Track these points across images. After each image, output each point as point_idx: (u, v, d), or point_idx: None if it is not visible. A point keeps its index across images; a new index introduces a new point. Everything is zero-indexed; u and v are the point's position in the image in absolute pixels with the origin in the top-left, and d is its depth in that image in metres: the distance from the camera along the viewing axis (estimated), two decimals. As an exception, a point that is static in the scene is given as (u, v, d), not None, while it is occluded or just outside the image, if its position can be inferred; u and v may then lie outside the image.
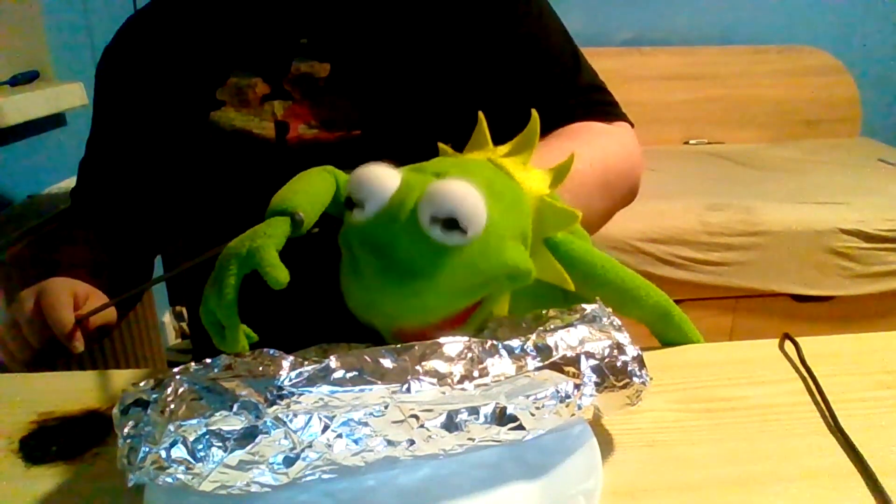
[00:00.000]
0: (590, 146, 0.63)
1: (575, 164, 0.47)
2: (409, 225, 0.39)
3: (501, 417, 0.39)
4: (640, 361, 0.42)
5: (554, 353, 0.40)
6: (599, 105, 0.71)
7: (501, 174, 0.45)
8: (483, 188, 0.40)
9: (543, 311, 0.44)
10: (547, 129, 0.60)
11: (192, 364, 0.38)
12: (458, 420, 0.38)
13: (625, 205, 0.70)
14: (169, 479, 0.35)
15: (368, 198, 0.41)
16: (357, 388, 0.37)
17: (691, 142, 2.27)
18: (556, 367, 0.40)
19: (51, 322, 0.60)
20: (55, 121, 1.19)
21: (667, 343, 0.57)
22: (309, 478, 0.37)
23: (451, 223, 0.38)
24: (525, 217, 0.44)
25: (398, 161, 0.68)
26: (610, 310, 0.45)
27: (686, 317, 0.56)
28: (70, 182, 0.94)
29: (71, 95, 1.15)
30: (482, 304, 0.43)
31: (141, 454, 0.35)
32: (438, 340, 0.40)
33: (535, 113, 0.48)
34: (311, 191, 0.46)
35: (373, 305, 0.41)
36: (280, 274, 0.40)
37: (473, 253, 0.40)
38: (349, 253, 0.42)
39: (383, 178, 0.41)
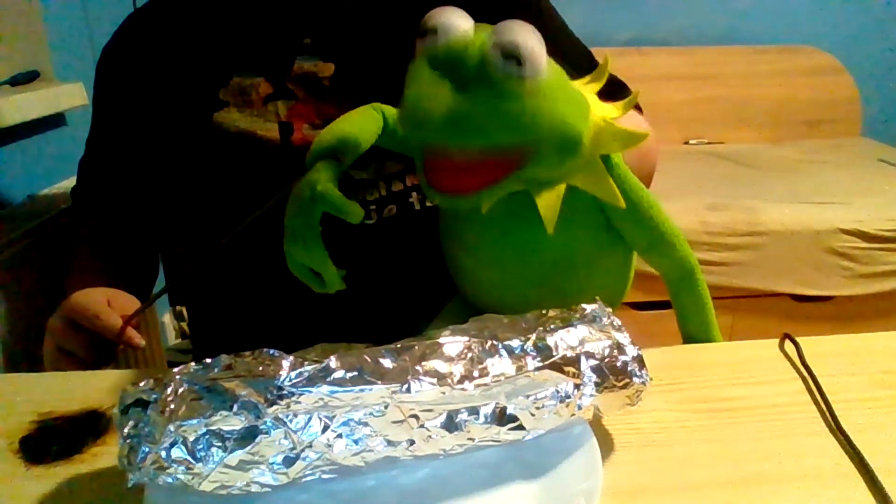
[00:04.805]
0: (627, 119, 0.65)
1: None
2: (473, 49, 0.42)
3: (501, 417, 0.39)
4: (640, 361, 0.42)
5: (554, 353, 0.40)
6: (623, 95, 0.72)
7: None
8: (551, 64, 0.43)
9: (543, 311, 0.44)
10: None
11: (192, 364, 0.38)
12: (458, 420, 0.38)
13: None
14: (169, 479, 0.35)
15: (442, 26, 0.43)
16: (357, 388, 0.37)
17: (691, 142, 2.27)
18: (556, 367, 0.40)
19: (102, 331, 0.61)
20: (55, 121, 1.19)
21: (679, 313, 0.57)
22: (309, 478, 0.37)
23: (512, 54, 0.40)
24: (585, 108, 0.46)
25: (404, 162, 0.67)
26: (610, 310, 0.45)
27: (707, 291, 0.56)
28: (70, 182, 0.94)
29: (71, 95, 1.15)
30: (520, 167, 0.44)
31: (141, 454, 0.35)
32: (438, 340, 0.40)
33: (606, 56, 0.50)
34: (352, 128, 0.49)
35: (416, 114, 0.43)
36: (354, 208, 0.44)
37: (526, 93, 0.42)
38: (413, 68, 0.45)
39: (459, 15, 0.44)
